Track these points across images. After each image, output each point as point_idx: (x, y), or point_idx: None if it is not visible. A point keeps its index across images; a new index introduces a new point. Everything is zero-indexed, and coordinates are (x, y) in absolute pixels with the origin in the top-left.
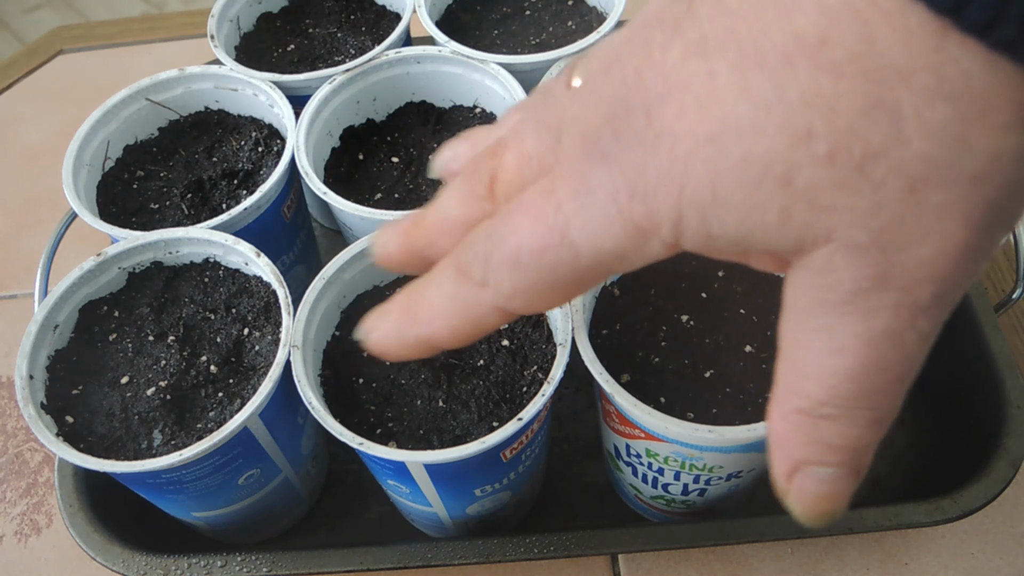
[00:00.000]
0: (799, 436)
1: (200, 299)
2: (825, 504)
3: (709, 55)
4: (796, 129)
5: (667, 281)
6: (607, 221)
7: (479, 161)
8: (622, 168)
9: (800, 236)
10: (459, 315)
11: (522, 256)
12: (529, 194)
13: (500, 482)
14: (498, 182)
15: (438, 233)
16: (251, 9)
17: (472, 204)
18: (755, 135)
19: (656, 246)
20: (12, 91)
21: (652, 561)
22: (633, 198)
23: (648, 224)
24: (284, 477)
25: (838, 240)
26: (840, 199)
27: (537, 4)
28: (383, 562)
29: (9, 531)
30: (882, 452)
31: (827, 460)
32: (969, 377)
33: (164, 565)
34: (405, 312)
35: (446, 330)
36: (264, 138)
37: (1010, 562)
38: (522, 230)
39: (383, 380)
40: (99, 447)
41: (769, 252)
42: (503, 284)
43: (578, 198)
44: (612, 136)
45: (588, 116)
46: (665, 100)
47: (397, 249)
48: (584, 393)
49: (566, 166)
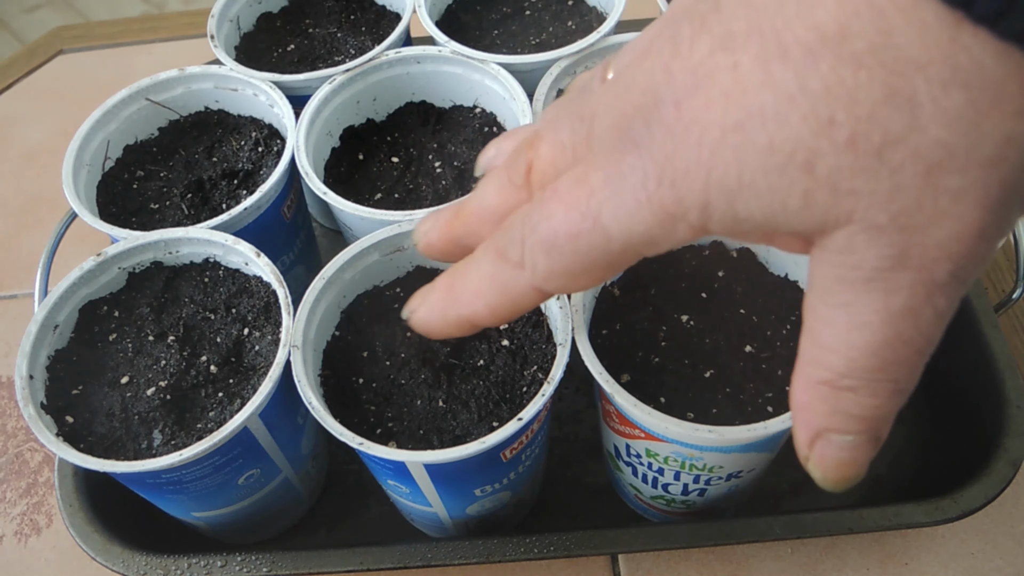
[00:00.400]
0: (821, 406)
1: (200, 299)
2: (845, 470)
3: (734, 49)
4: (818, 117)
5: (667, 281)
6: (637, 206)
7: (517, 152)
8: (652, 156)
9: (823, 218)
10: (498, 295)
11: (557, 240)
12: (563, 181)
13: (500, 482)
14: (534, 171)
15: (477, 221)
16: (251, 9)
17: (510, 192)
18: (779, 123)
19: (684, 230)
20: (12, 91)
21: (652, 561)
22: (662, 184)
23: (676, 209)
24: (284, 477)
25: (859, 222)
26: (860, 183)
27: (537, 4)
28: (383, 562)
29: (9, 531)
30: (882, 452)
31: (848, 428)
32: (969, 377)
33: (164, 565)
34: (448, 292)
35: (486, 309)
36: (264, 138)
37: (1010, 562)
38: (557, 215)
39: (383, 380)
40: (99, 447)
41: (793, 234)
42: (539, 266)
43: (610, 185)
44: (643, 126)
45: (621, 107)
46: (693, 92)
47: (439, 238)
48: (584, 393)
49: (599, 154)
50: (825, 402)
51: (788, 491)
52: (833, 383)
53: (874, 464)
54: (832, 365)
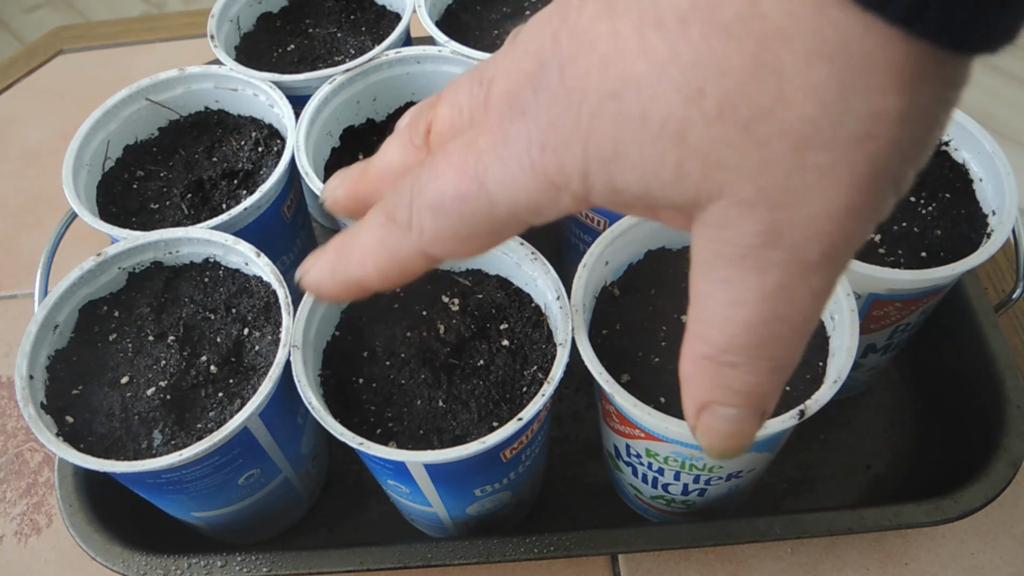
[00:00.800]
0: (705, 380)
1: (200, 299)
2: (730, 440)
3: (615, 16)
4: (689, 88)
5: (667, 281)
6: (522, 173)
7: (419, 112)
8: (537, 122)
9: (695, 192)
10: (387, 258)
11: (443, 202)
12: (455, 144)
13: (500, 482)
14: (433, 132)
15: (379, 181)
16: (251, 9)
17: (410, 152)
18: (652, 93)
19: (567, 199)
20: (12, 91)
21: (652, 561)
22: (544, 152)
23: (558, 178)
24: (284, 477)
25: (729, 196)
26: (729, 156)
27: (537, 4)
28: (383, 562)
29: (9, 531)
30: (882, 452)
31: (731, 402)
32: (969, 377)
33: (164, 565)
34: (338, 254)
35: (375, 271)
36: (264, 138)
37: (1010, 562)
38: (444, 177)
39: (383, 380)
40: (99, 447)
41: (671, 207)
42: (426, 229)
43: (496, 150)
44: (531, 92)
45: (514, 73)
46: (576, 58)
47: (344, 195)
48: (584, 393)
49: (491, 119)
50: (708, 376)
51: (788, 491)
52: (715, 358)
53: (874, 464)
54: (713, 341)
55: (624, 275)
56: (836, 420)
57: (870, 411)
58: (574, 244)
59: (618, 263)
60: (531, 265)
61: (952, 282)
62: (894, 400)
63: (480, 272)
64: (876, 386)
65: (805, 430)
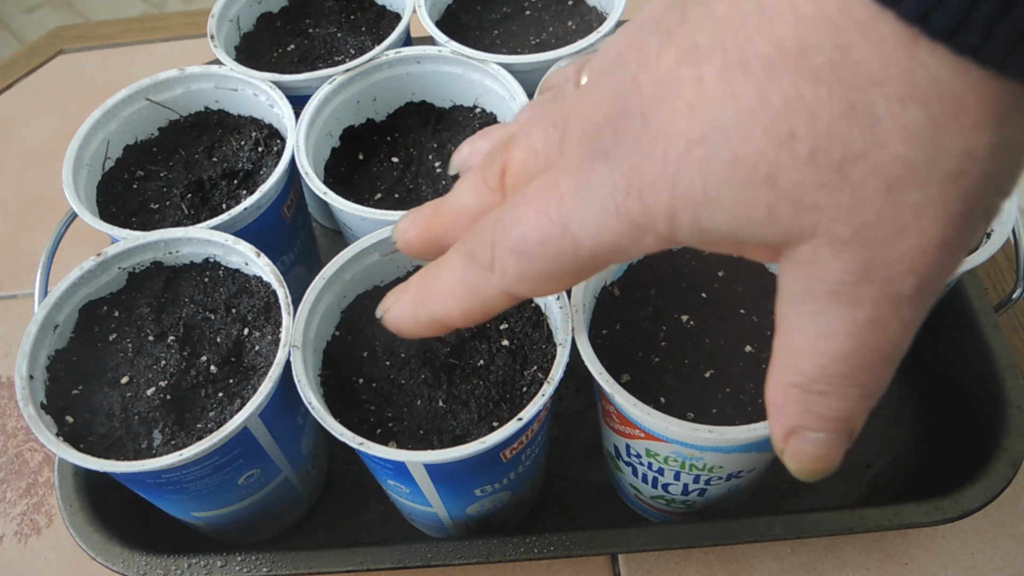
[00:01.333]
0: (794, 407)
1: (200, 299)
2: (818, 462)
3: (698, 61)
4: (779, 132)
5: (667, 281)
6: (605, 216)
7: (492, 155)
8: (620, 167)
9: (787, 231)
10: (469, 297)
11: (526, 245)
12: (534, 186)
13: (500, 482)
14: (508, 174)
15: (453, 222)
16: (251, 9)
17: (484, 195)
18: (741, 137)
19: (651, 240)
20: (12, 91)
21: (652, 561)
22: (629, 195)
23: (643, 220)
24: (284, 477)
25: (822, 235)
26: (822, 198)
27: (537, 4)
28: (383, 562)
29: (9, 531)
30: (882, 452)
31: (820, 427)
32: (969, 377)
33: (164, 565)
34: (419, 293)
35: (457, 310)
36: (264, 138)
37: (1010, 562)
38: (527, 220)
39: (383, 380)
40: (99, 447)
41: (760, 246)
42: (508, 270)
43: (579, 193)
44: (612, 136)
45: (591, 115)
46: (659, 104)
47: (417, 236)
48: (584, 393)
49: (570, 161)
50: (797, 403)
51: (788, 491)
52: (804, 387)
53: (874, 464)
54: (803, 370)
55: (624, 275)
56: None
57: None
58: None
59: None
60: None
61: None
62: (894, 400)
63: None
64: None
65: None
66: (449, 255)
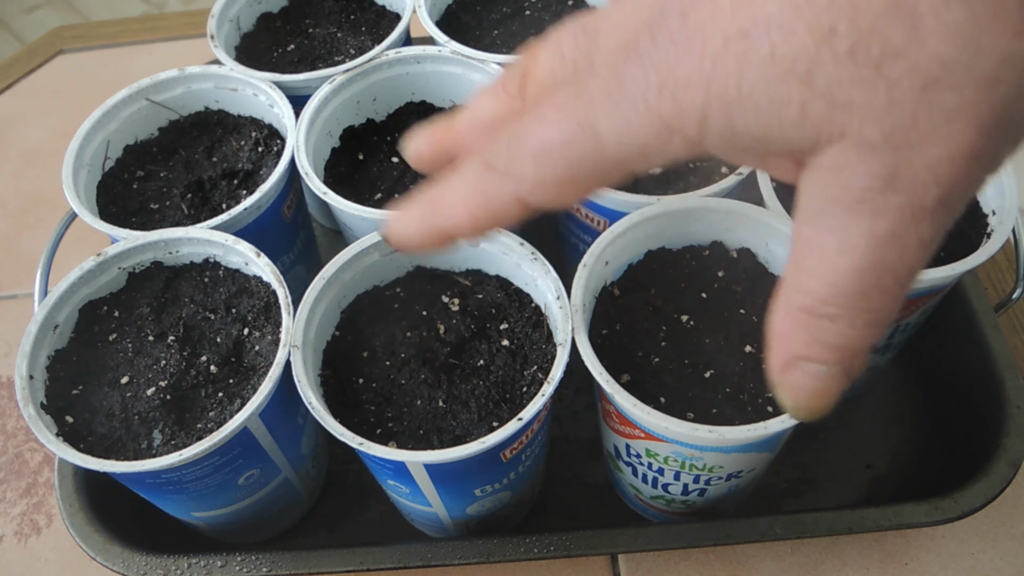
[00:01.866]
0: (799, 333)
1: (200, 299)
2: (815, 399)
3: None
4: (821, 27)
5: (667, 281)
6: (635, 115)
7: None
8: (655, 66)
9: (816, 133)
10: (480, 204)
11: (548, 146)
12: (561, 91)
13: (500, 482)
14: (530, 79)
15: (469, 131)
16: (251, 9)
17: (503, 101)
18: (783, 32)
19: (679, 143)
20: (12, 91)
21: (652, 561)
22: (662, 94)
23: (674, 120)
24: (284, 477)
25: (852, 137)
26: (856, 95)
27: (537, 4)
28: (383, 562)
29: (9, 531)
30: (882, 452)
31: (823, 357)
32: (969, 377)
33: (164, 565)
34: (428, 202)
35: (466, 219)
36: (264, 138)
37: (1010, 562)
38: (551, 122)
39: (383, 380)
40: (99, 447)
41: (786, 151)
42: (526, 175)
43: (609, 93)
44: (649, 38)
45: (628, 23)
46: (699, 3)
47: (428, 148)
48: (584, 393)
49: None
50: (804, 330)
51: (788, 491)
52: (813, 310)
53: (874, 464)
54: (814, 291)
55: (624, 275)
56: (836, 420)
57: (870, 411)
58: (574, 244)
59: (618, 263)
60: (531, 265)
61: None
62: (894, 400)
63: (480, 272)
64: (876, 386)
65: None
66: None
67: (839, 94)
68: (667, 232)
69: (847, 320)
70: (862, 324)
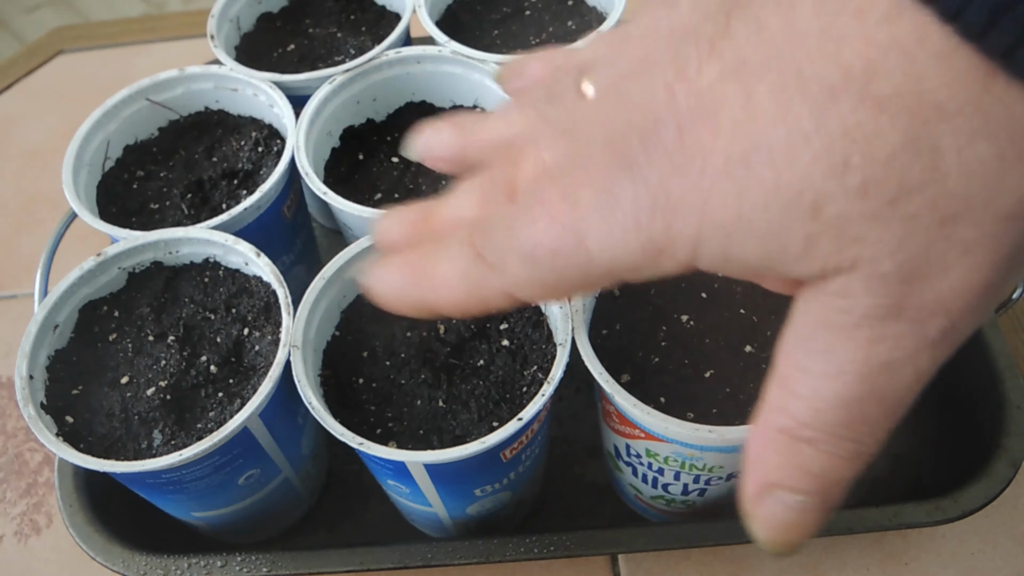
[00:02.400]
0: (776, 457)
1: (200, 299)
2: (789, 533)
3: (747, 79)
4: (832, 159)
5: (667, 281)
6: (624, 233)
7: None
8: (647, 182)
9: (822, 265)
10: (468, 292)
11: (538, 253)
12: (551, 191)
13: (500, 482)
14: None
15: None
16: (251, 9)
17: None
18: (789, 161)
19: (668, 263)
20: (12, 91)
21: (652, 561)
22: (654, 214)
23: (664, 241)
24: (284, 477)
25: (860, 269)
26: (869, 231)
27: (537, 4)
28: (383, 562)
29: (9, 531)
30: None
31: (800, 486)
32: (969, 377)
33: (164, 565)
34: (414, 273)
35: (452, 303)
36: (264, 138)
37: (1010, 562)
38: (540, 226)
39: (383, 380)
40: (99, 447)
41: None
42: (517, 274)
43: (599, 206)
44: (640, 146)
45: (614, 124)
46: (698, 119)
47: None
48: (584, 393)
49: (591, 169)
50: (780, 453)
51: None
52: (793, 432)
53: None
54: (796, 413)
55: None
56: None
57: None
58: None
59: None
60: None
61: None
62: None
63: None
64: None
65: None
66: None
67: (849, 229)
68: None
69: (828, 447)
70: (843, 453)
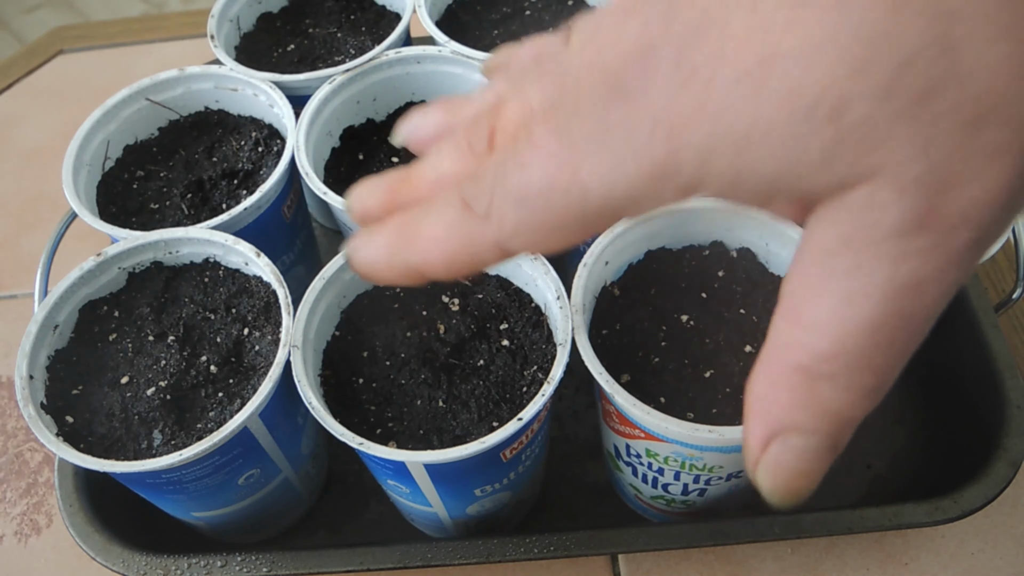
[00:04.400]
0: (787, 397)
1: (200, 299)
2: (798, 481)
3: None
4: (852, 61)
5: (667, 281)
6: (622, 162)
7: (477, 118)
8: (647, 106)
9: (844, 174)
10: (457, 247)
11: (529, 193)
12: (541, 131)
13: (500, 482)
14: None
15: (430, 189)
16: (251, 9)
17: (470, 160)
18: (806, 65)
19: (670, 191)
20: (12, 91)
21: (652, 561)
22: (655, 136)
23: (668, 165)
24: (284, 477)
25: (885, 176)
26: (894, 133)
27: (537, 4)
28: (383, 562)
29: (9, 531)
30: (882, 452)
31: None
32: (969, 377)
33: (164, 565)
34: (399, 236)
35: (442, 261)
36: (264, 138)
37: (1010, 562)
38: (532, 166)
39: (383, 380)
40: (99, 447)
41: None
42: (506, 220)
43: (594, 138)
44: (638, 74)
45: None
46: (701, 34)
47: (378, 202)
48: (584, 393)
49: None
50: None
51: None
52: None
53: (874, 464)
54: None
55: (624, 275)
56: None
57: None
58: None
59: (618, 263)
60: (531, 265)
61: None
62: (894, 400)
63: (480, 272)
64: None
65: None
66: (439, 199)
67: (873, 133)
68: (667, 232)
69: (846, 382)
70: (860, 389)
